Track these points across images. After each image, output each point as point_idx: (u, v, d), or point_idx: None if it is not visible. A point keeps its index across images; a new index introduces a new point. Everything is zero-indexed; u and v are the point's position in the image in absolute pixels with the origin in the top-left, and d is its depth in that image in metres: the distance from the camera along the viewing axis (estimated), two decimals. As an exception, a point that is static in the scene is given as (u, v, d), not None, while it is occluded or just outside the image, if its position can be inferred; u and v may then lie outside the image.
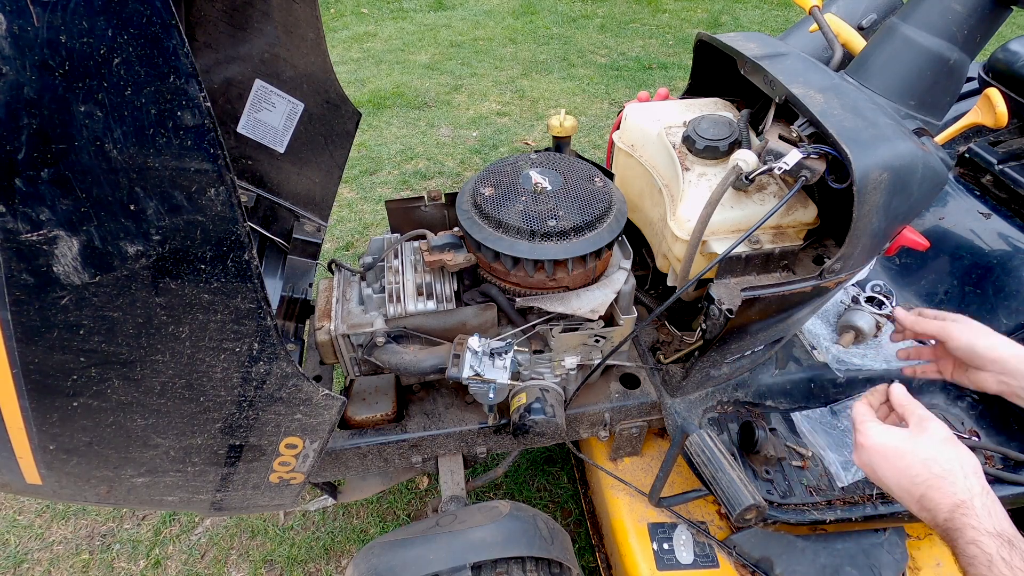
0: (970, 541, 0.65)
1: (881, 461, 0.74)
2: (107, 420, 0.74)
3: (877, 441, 0.75)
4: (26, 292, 0.60)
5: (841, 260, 0.91)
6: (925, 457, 0.71)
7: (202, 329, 0.68)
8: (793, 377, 1.22)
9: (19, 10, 0.49)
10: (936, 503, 0.69)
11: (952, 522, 0.67)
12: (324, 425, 0.86)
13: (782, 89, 0.95)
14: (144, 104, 0.55)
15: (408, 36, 4.59)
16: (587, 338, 1.06)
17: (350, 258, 2.57)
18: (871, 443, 0.75)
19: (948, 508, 0.68)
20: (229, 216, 0.61)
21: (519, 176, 1.01)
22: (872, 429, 0.77)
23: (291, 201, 1.33)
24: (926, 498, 0.70)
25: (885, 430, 0.76)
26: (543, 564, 0.98)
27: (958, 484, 0.68)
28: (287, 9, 1.08)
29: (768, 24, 4.91)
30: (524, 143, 3.39)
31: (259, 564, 1.63)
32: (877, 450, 0.75)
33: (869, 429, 0.77)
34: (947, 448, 0.71)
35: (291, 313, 1.30)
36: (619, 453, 1.27)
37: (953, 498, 0.68)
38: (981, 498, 0.67)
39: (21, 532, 1.69)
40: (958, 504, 0.67)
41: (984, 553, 0.63)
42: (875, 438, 0.75)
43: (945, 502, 0.68)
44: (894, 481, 0.73)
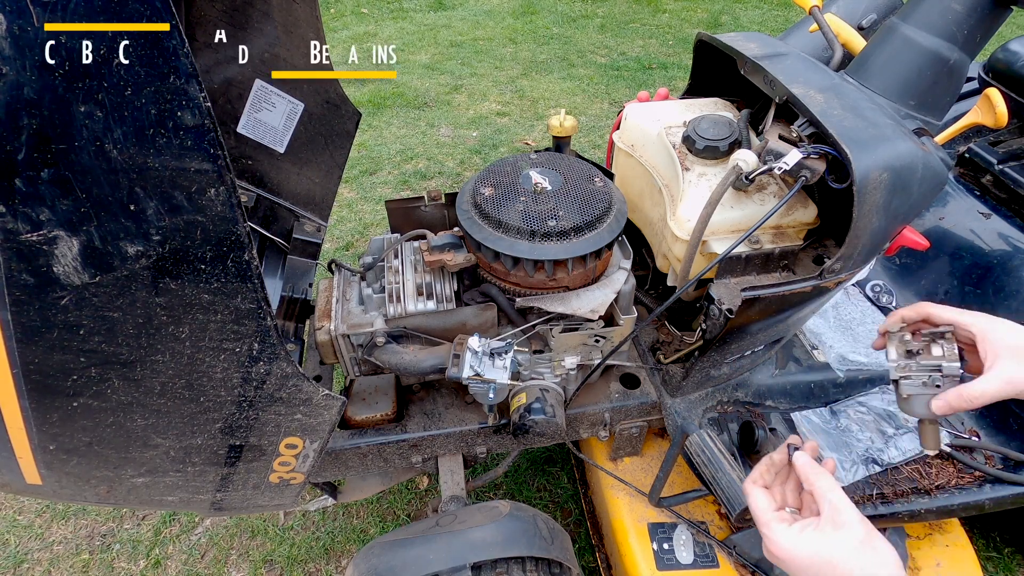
0: None
1: (794, 570, 0.65)
2: (107, 420, 0.74)
3: (787, 549, 0.65)
4: (26, 292, 0.60)
5: (841, 260, 0.91)
6: (844, 571, 0.62)
7: (202, 329, 0.68)
8: (793, 377, 1.22)
9: (19, 10, 0.49)
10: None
11: None
12: (324, 425, 0.86)
13: (782, 89, 0.95)
14: (144, 104, 0.55)
15: (408, 36, 4.59)
16: (587, 338, 1.06)
17: (350, 258, 2.57)
18: (781, 552, 0.66)
19: None
20: (229, 216, 0.61)
21: (519, 176, 1.01)
22: (779, 534, 0.66)
23: (291, 201, 1.33)
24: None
25: (795, 535, 0.65)
26: (543, 564, 0.98)
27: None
28: (287, 9, 1.08)
29: (768, 24, 4.91)
30: (524, 143, 3.39)
31: (259, 564, 1.63)
32: (789, 559, 0.65)
33: (775, 534, 0.67)
34: (865, 554, 0.63)
35: (291, 313, 1.30)
36: (619, 453, 1.27)
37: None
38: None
39: (21, 532, 1.69)
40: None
41: None
42: (784, 545, 0.65)
43: None
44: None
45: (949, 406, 0.71)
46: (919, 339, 0.77)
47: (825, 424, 1.16)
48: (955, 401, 0.71)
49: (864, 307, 1.41)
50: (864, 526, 0.64)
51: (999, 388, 0.68)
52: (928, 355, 0.75)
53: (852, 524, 0.64)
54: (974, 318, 0.73)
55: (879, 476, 1.08)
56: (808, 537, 0.65)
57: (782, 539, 0.66)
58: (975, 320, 0.72)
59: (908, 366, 0.75)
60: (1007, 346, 0.69)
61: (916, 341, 0.77)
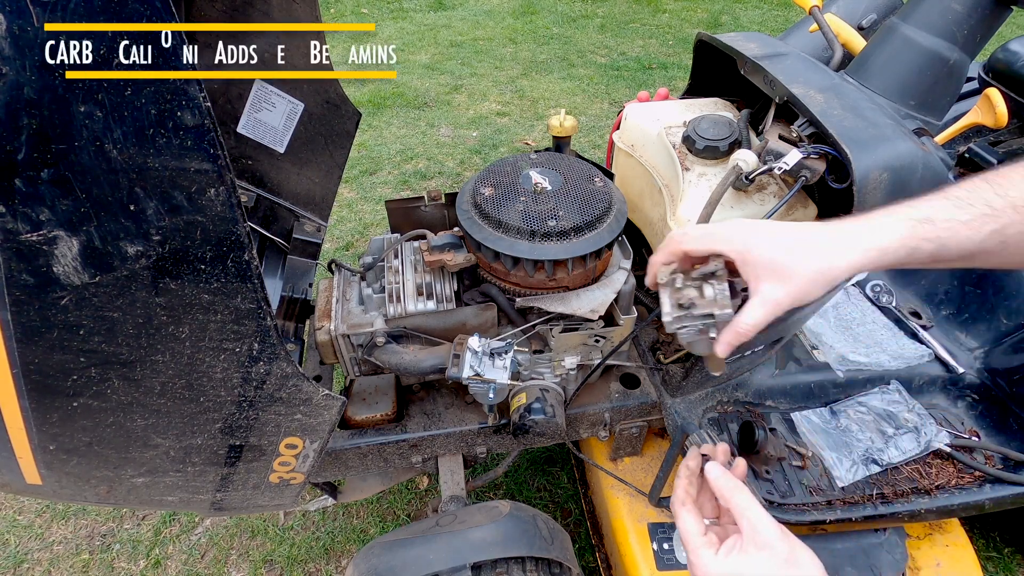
0: None
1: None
2: (107, 420, 0.74)
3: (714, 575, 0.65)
4: (26, 292, 0.60)
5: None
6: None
7: (202, 329, 0.68)
8: (793, 377, 1.22)
9: (19, 10, 0.49)
10: None
11: None
12: (324, 425, 0.86)
13: (782, 89, 0.95)
14: (144, 104, 0.55)
15: (408, 36, 4.59)
16: (587, 338, 1.06)
17: (350, 258, 2.57)
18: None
19: None
20: (229, 216, 0.61)
21: (519, 176, 1.01)
22: (706, 560, 0.66)
23: (291, 201, 1.33)
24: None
25: (721, 561, 0.65)
26: (543, 564, 0.98)
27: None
28: (287, 9, 1.08)
29: (768, 24, 4.91)
30: (524, 143, 3.39)
31: (259, 564, 1.63)
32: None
33: (702, 559, 0.66)
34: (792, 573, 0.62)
35: (291, 313, 1.30)
36: (619, 453, 1.27)
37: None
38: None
39: (21, 532, 1.69)
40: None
41: None
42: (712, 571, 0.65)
43: None
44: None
45: (730, 346, 0.70)
46: (690, 281, 0.72)
47: (825, 424, 1.16)
48: (732, 339, 0.69)
49: (864, 307, 1.41)
50: (786, 542, 0.63)
51: (765, 314, 0.65)
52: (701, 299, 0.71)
53: (774, 543, 0.63)
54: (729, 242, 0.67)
55: (879, 476, 1.08)
56: (733, 561, 0.64)
57: (709, 565, 0.65)
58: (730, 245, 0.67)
59: (682, 318, 0.72)
60: (764, 265, 0.65)
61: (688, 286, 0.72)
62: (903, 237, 0.63)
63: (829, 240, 0.64)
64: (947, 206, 0.63)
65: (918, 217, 0.63)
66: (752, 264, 0.65)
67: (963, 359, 1.26)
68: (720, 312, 0.69)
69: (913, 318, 1.35)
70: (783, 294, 0.64)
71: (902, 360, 1.25)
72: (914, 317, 1.35)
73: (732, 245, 0.66)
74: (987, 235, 0.62)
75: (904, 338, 1.31)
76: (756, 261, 0.65)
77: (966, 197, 0.63)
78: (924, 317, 1.36)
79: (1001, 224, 0.62)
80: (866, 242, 0.63)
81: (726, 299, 0.69)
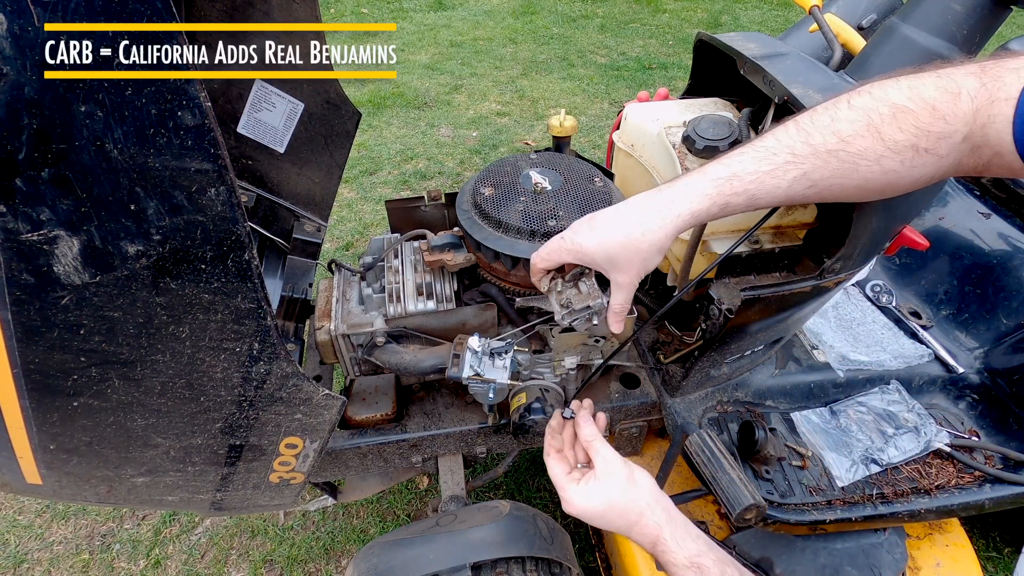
0: None
1: (591, 520, 0.77)
2: (107, 420, 0.74)
3: (579, 506, 0.77)
4: (26, 292, 0.60)
5: (841, 260, 0.91)
6: (622, 507, 0.75)
7: (202, 329, 0.68)
8: (793, 377, 1.22)
9: (19, 10, 0.49)
10: (642, 543, 0.75)
11: (657, 558, 0.74)
12: (324, 425, 0.86)
13: (781, 89, 0.95)
14: (144, 104, 0.55)
15: (408, 36, 4.59)
16: (587, 338, 1.06)
17: (350, 258, 2.57)
18: (577, 509, 0.77)
19: (650, 545, 0.74)
20: (229, 216, 0.61)
21: (519, 176, 1.01)
22: (571, 493, 0.78)
23: (291, 201, 1.33)
24: (636, 539, 0.75)
25: (581, 491, 0.77)
26: (543, 564, 0.98)
27: (650, 520, 0.74)
28: (287, 9, 1.08)
29: (768, 24, 4.91)
30: (524, 143, 3.39)
31: (259, 564, 1.63)
32: (583, 512, 0.77)
33: (568, 493, 0.78)
34: (630, 488, 0.76)
35: (291, 313, 1.30)
36: (619, 453, 1.27)
37: (651, 536, 0.73)
38: (669, 528, 0.73)
39: (21, 532, 1.69)
40: (655, 541, 0.73)
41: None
42: (577, 504, 0.77)
43: (646, 541, 0.74)
44: (607, 531, 0.77)
45: (618, 326, 0.78)
46: (567, 283, 0.84)
47: (825, 424, 1.16)
48: (615, 319, 0.78)
49: (864, 307, 1.41)
50: (627, 468, 0.78)
51: (625, 295, 0.75)
52: (578, 295, 0.83)
53: (617, 468, 0.77)
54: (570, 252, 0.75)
55: (879, 476, 1.08)
56: (590, 488, 0.77)
57: (574, 497, 0.77)
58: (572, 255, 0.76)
59: (569, 314, 0.83)
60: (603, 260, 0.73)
61: (566, 287, 0.84)
62: (712, 196, 0.69)
63: (648, 216, 0.71)
64: (755, 158, 0.69)
65: (725, 175, 0.69)
66: (594, 263, 0.75)
67: (963, 359, 1.27)
68: (594, 302, 0.82)
69: (913, 318, 1.35)
70: (628, 278, 0.74)
71: (902, 360, 1.26)
72: (914, 317, 1.36)
73: (573, 255, 0.76)
74: (792, 181, 0.67)
75: (904, 338, 1.31)
76: (595, 260, 0.74)
77: (772, 147, 0.68)
78: (924, 317, 1.36)
79: (804, 170, 0.67)
80: (678, 208, 0.70)
81: (596, 291, 0.83)
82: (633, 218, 0.72)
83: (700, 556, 0.71)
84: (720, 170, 0.70)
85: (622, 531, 0.76)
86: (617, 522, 0.76)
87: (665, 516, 0.74)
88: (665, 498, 0.77)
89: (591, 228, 0.74)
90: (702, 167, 0.72)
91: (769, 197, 0.68)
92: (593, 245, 0.73)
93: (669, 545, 0.72)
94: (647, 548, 0.75)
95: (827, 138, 0.65)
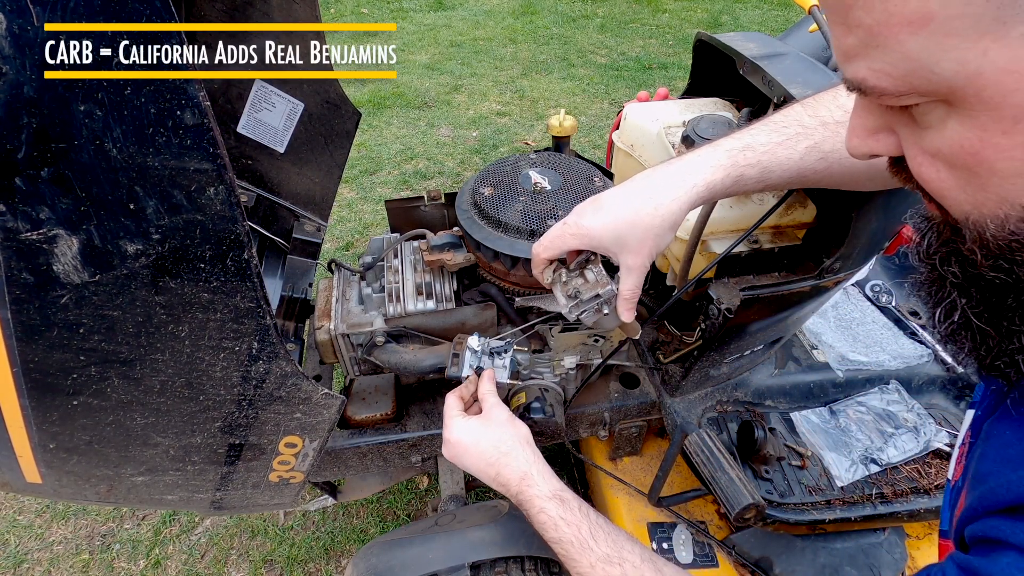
0: (539, 510, 0.74)
1: (463, 451, 0.81)
2: (107, 419, 0.74)
3: (456, 435, 0.81)
4: (26, 291, 0.61)
5: (840, 260, 0.91)
6: (495, 440, 0.79)
7: (202, 328, 0.69)
8: (793, 377, 1.22)
9: (19, 10, 0.49)
10: (507, 478, 0.78)
11: (522, 494, 0.76)
12: (324, 424, 0.86)
13: (781, 89, 0.95)
14: (144, 104, 0.55)
15: (408, 36, 4.60)
16: (586, 338, 1.06)
17: (350, 258, 2.57)
18: (454, 437, 0.82)
19: (517, 481, 0.77)
20: (229, 215, 0.62)
21: (519, 176, 1.01)
22: (454, 423, 0.83)
23: (291, 201, 1.33)
24: (501, 475, 0.78)
25: (463, 423, 0.82)
26: (542, 564, 0.98)
27: (520, 458, 0.78)
28: (287, 9, 1.08)
29: (768, 24, 4.91)
30: (524, 143, 3.39)
31: (259, 564, 1.64)
32: (458, 442, 0.81)
33: (452, 423, 0.83)
34: (507, 427, 0.81)
35: (291, 313, 1.30)
36: (619, 453, 1.27)
37: (518, 471, 0.77)
38: (536, 466, 0.77)
39: (21, 532, 1.69)
40: (523, 476, 0.76)
41: (550, 518, 0.73)
42: (455, 432, 0.82)
43: (514, 476, 0.77)
44: (475, 466, 0.80)
45: (629, 311, 0.77)
46: (572, 273, 0.79)
47: (824, 424, 1.16)
48: (626, 305, 0.76)
49: (864, 307, 1.41)
50: (510, 419, 0.83)
51: (636, 278, 0.73)
52: (585, 284, 0.78)
53: (499, 414, 0.83)
54: (575, 237, 0.73)
55: (878, 476, 1.08)
56: (471, 424, 0.82)
57: (455, 427, 0.82)
58: (578, 240, 0.73)
59: (577, 305, 0.79)
60: (611, 242, 0.71)
61: (572, 277, 0.80)
62: (726, 167, 0.68)
63: (658, 191, 0.68)
64: (765, 131, 0.68)
65: (738, 146, 0.68)
66: (602, 246, 0.72)
67: (963, 359, 1.26)
68: (604, 290, 0.77)
69: (913, 318, 1.35)
70: (639, 259, 0.71)
71: (902, 360, 1.26)
72: (914, 317, 1.35)
73: (579, 239, 0.73)
74: (804, 152, 0.67)
75: (904, 338, 1.31)
76: (603, 243, 0.71)
77: (781, 121, 0.68)
78: (924, 317, 1.36)
79: (815, 141, 0.66)
80: (692, 179, 0.68)
81: (605, 278, 0.78)
82: (642, 194, 0.69)
83: (563, 491, 0.75)
84: (732, 143, 0.69)
85: (489, 465, 0.79)
86: (487, 454, 0.79)
87: (534, 457, 0.78)
88: (537, 451, 0.81)
89: (596, 210, 0.71)
90: (713, 142, 0.70)
91: (781, 170, 0.67)
92: (600, 227, 0.70)
93: (535, 479, 0.75)
94: (512, 488, 0.77)
95: (833, 111, 0.66)
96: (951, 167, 0.36)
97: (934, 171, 0.37)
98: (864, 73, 0.35)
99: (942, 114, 0.34)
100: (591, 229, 0.71)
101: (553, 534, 0.73)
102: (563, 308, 0.80)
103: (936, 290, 0.43)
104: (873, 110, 0.40)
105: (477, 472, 0.81)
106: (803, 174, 0.68)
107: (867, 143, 0.41)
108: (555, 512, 0.73)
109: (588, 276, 0.79)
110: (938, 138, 0.35)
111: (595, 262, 0.79)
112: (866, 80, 0.35)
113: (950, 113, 0.34)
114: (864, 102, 0.40)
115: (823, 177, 0.69)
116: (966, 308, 0.41)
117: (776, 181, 0.69)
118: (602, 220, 0.70)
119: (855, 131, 0.41)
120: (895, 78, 0.34)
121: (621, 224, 0.69)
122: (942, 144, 0.35)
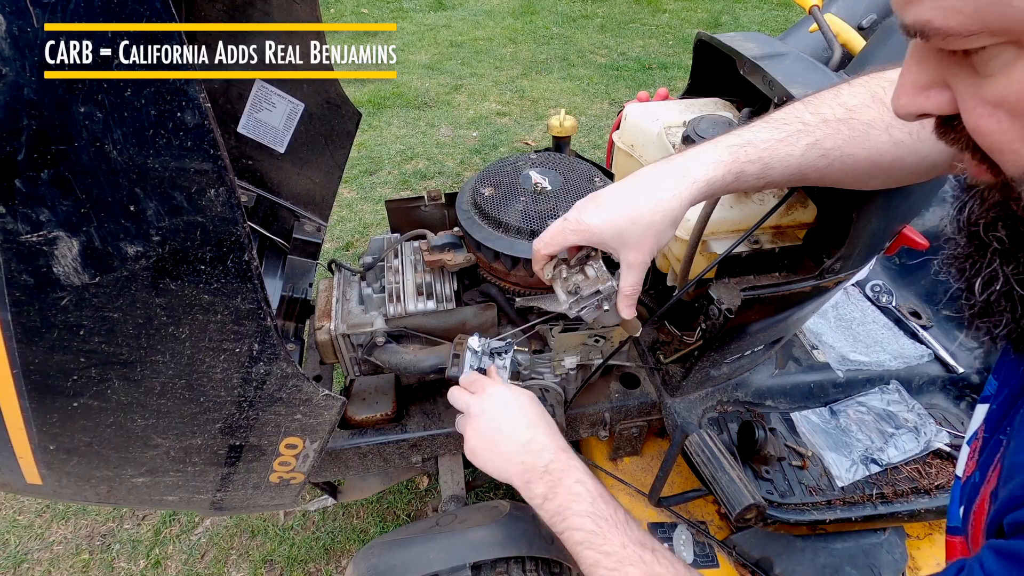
0: (576, 480, 0.72)
1: (496, 416, 0.79)
2: (107, 420, 0.74)
3: (481, 406, 0.80)
4: (26, 293, 0.60)
5: (841, 260, 0.91)
6: (526, 407, 0.79)
7: (202, 330, 0.68)
8: (793, 377, 1.22)
9: (19, 10, 0.49)
10: (543, 444, 0.76)
11: (559, 462, 0.74)
12: (324, 425, 0.86)
13: (781, 89, 0.95)
14: (144, 104, 0.55)
15: (408, 36, 4.59)
16: (587, 338, 1.06)
17: (350, 258, 2.57)
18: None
19: (555, 449, 0.75)
20: (229, 217, 0.61)
21: (519, 176, 1.01)
22: (475, 397, 0.82)
23: (291, 201, 1.33)
24: (535, 440, 0.76)
25: (494, 388, 0.82)
26: (543, 564, 0.98)
27: (556, 432, 0.78)
28: (287, 9, 1.08)
29: (768, 24, 4.91)
30: (524, 143, 3.39)
31: (259, 564, 1.64)
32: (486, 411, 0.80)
33: (472, 397, 0.82)
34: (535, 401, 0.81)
35: (291, 313, 1.30)
36: (619, 453, 1.27)
37: (557, 441, 0.76)
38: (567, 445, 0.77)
39: (21, 532, 1.69)
40: (562, 447, 0.76)
41: (588, 491, 0.71)
42: (484, 403, 0.80)
43: (550, 444, 0.76)
44: (510, 427, 0.78)
45: (630, 310, 0.76)
46: (572, 269, 0.79)
47: (825, 424, 1.16)
48: (626, 302, 0.75)
49: (864, 307, 1.41)
50: (504, 387, 0.83)
51: (637, 274, 0.72)
52: (586, 281, 0.78)
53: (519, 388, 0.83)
54: (576, 232, 0.73)
55: (879, 476, 1.08)
56: (499, 391, 0.81)
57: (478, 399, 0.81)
58: (578, 236, 0.73)
59: (577, 302, 0.79)
60: (612, 238, 0.70)
61: (572, 273, 0.79)
62: (727, 163, 0.67)
63: (659, 186, 0.68)
64: (766, 128, 0.68)
65: (739, 142, 0.68)
66: (603, 242, 0.71)
67: (963, 359, 1.26)
68: (604, 286, 0.77)
69: (913, 318, 1.35)
70: (640, 256, 0.70)
71: (902, 360, 1.26)
72: (914, 317, 1.35)
73: (579, 235, 0.72)
74: (805, 148, 0.66)
75: (904, 338, 1.31)
76: (603, 239, 0.71)
77: (782, 118, 0.68)
78: (924, 317, 1.36)
79: (815, 138, 0.66)
80: (693, 174, 0.68)
81: (605, 274, 0.78)
82: (643, 190, 0.69)
83: None
84: (733, 139, 0.69)
85: (528, 431, 0.77)
86: (526, 417, 0.78)
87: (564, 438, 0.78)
88: None
89: (597, 205, 0.71)
90: (713, 138, 0.70)
91: (782, 167, 0.67)
92: (600, 222, 0.70)
93: (572, 453, 0.75)
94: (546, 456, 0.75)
95: (835, 109, 0.66)
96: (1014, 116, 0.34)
97: (995, 122, 0.35)
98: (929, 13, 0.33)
99: (1009, 58, 0.33)
100: (591, 225, 0.71)
101: (588, 507, 0.70)
102: (563, 304, 0.80)
103: (974, 261, 0.42)
104: (929, 62, 0.38)
105: (511, 433, 0.78)
106: (804, 171, 0.68)
107: (916, 100, 0.39)
108: (593, 487, 0.71)
109: (588, 272, 0.79)
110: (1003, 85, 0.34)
111: (595, 258, 0.79)
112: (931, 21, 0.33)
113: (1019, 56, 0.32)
114: (918, 54, 0.38)
115: (824, 175, 0.69)
116: (1010, 275, 0.40)
117: (777, 178, 0.69)
118: (602, 216, 0.70)
119: (904, 88, 0.39)
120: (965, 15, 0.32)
121: (622, 220, 0.69)
122: (1008, 91, 0.34)
